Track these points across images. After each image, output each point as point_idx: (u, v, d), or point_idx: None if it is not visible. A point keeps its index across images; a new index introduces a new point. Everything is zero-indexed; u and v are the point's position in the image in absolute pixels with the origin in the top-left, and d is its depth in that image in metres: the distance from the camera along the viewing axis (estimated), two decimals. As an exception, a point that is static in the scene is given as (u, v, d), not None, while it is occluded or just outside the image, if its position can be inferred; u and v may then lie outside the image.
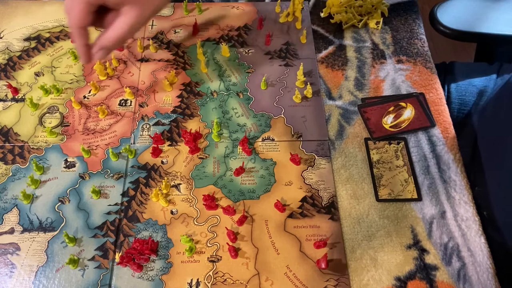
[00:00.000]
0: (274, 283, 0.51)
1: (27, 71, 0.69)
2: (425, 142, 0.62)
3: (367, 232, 0.55)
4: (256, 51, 0.72)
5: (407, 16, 0.77)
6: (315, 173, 0.59)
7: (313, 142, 0.62)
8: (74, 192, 0.57)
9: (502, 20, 0.79)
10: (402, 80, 0.68)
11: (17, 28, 0.75)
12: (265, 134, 0.63)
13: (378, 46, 0.73)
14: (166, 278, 0.51)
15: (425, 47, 0.73)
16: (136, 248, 0.52)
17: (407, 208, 0.56)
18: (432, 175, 0.59)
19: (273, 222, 0.55)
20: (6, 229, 0.54)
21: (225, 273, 0.52)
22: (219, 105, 0.66)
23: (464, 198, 0.57)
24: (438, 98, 0.66)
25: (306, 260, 0.52)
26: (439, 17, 0.80)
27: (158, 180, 0.58)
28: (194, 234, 0.54)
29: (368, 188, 0.58)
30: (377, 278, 0.51)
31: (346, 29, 0.75)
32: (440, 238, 0.54)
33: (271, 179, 0.59)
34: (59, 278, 0.51)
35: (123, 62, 0.70)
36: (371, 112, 0.64)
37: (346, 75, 0.69)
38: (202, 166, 0.60)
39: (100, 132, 0.63)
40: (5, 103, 0.66)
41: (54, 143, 0.62)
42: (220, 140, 0.62)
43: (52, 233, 0.54)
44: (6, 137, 0.62)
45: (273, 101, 0.66)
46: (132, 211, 0.56)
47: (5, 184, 0.58)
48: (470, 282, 0.51)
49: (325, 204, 0.57)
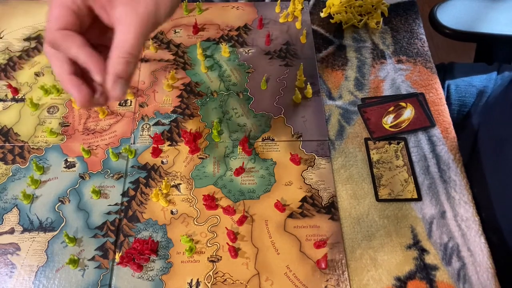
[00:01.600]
0: (274, 283, 0.51)
1: (27, 71, 0.69)
2: (425, 142, 0.62)
3: (367, 232, 0.55)
4: (256, 51, 0.72)
5: (407, 16, 0.77)
6: (315, 173, 0.59)
7: (313, 142, 0.62)
8: (74, 192, 0.57)
9: (502, 20, 0.79)
10: (402, 80, 0.69)
11: (17, 28, 0.75)
12: (265, 134, 0.63)
13: (378, 46, 0.73)
14: (166, 278, 0.51)
15: (425, 47, 0.73)
16: (136, 248, 0.52)
17: (407, 208, 0.56)
18: (432, 175, 0.59)
19: (273, 222, 0.55)
20: (6, 229, 0.54)
21: (225, 273, 0.52)
22: (219, 105, 0.66)
23: (464, 198, 0.57)
24: (438, 98, 0.66)
25: (306, 260, 0.52)
26: (439, 17, 0.80)
27: (158, 180, 0.58)
28: (194, 234, 0.54)
29: (368, 188, 0.58)
30: (377, 278, 0.51)
31: (346, 29, 0.75)
32: (440, 238, 0.54)
33: (271, 179, 0.59)
34: (59, 278, 0.51)
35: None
36: (371, 112, 0.64)
37: (346, 75, 0.69)
38: (202, 166, 0.60)
39: (100, 132, 0.63)
40: (5, 103, 0.66)
41: (54, 143, 0.62)
42: (220, 140, 0.62)
43: (52, 233, 0.54)
44: (6, 137, 0.62)
45: (273, 101, 0.66)
46: (132, 211, 0.56)
47: (5, 184, 0.58)
48: (470, 282, 0.51)
49: (325, 204, 0.57)
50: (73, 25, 0.37)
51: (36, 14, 0.77)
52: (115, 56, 0.36)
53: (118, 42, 0.36)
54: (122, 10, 0.36)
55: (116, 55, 0.36)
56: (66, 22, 0.37)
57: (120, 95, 0.38)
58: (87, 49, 0.37)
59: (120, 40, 0.36)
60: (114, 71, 0.37)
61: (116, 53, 0.36)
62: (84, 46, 0.37)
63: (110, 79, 0.37)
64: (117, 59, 0.36)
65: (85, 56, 0.36)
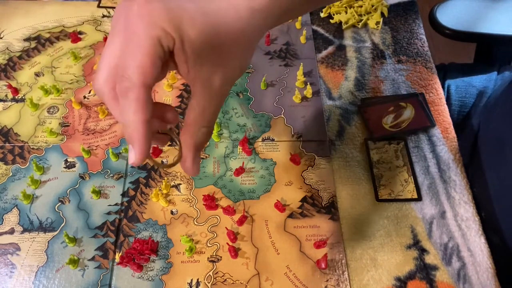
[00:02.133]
0: (274, 283, 0.51)
1: (27, 71, 0.69)
2: (425, 142, 0.62)
3: (367, 232, 0.55)
4: (256, 51, 0.72)
5: (407, 16, 0.77)
6: (315, 173, 0.59)
7: (313, 142, 0.62)
8: (74, 192, 0.57)
9: (502, 20, 0.79)
10: (402, 80, 0.69)
11: (17, 28, 0.75)
12: (265, 134, 0.63)
13: (378, 46, 0.73)
14: (166, 278, 0.51)
15: (425, 47, 0.73)
16: (136, 248, 0.52)
17: (407, 208, 0.56)
18: (432, 175, 0.59)
19: (273, 222, 0.55)
20: (6, 229, 0.54)
21: (225, 273, 0.52)
22: (219, 105, 0.66)
23: (464, 198, 0.57)
24: (438, 98, 0.66)
25: (306, 260, 0.52)
26: (439, 17, 0.80)
27: (158, 180, 0.58)
28: (194, 234, 0.54)
29: (368, 188, 0.58)
30: (377, 278, 0.51)
31: (346, 29, 0.75)
32: (440, 238, 0.54)
33: (271, 179, 0.59)
34: (59, 278, 0.51)
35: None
36: (371, 112, 0.64)
37: (346, 75, 0.69)
38: (202, 166, 0.60)
39: (100, 132, 0.63)
40: (5, 103, 0.66)
41: (54, 143, 0.62)
42: (220, 140, 0.62)
43: (52, 233, 0.54)
44: (6, 137, 0.62)
45: (273, 101, 0.66)
46: (132, 211, 0.56)
47: (5, 184, 0.58)
48: (470, 282, 0.51)
49: (325, 204, 0.57)
50: (156, 81, 0.30)
51: (36, 14, 0.77)
52: (198, 125, 0.32)
53: (201, 108, 0.32)
54: (211, 71, 0.31)
55: (199, 124, 0.32)
56: (153, 77, 0.29)
57: (198, 172, 0.34)
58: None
59: (202, 105, 0.32)
60: (195, 143, 0.32)
61: (199, 121, 0.32)
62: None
63: (191, 152, 0.32)
64: (199, 129, 0.32)
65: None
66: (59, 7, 0.78)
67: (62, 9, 0.78)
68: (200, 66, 0.30)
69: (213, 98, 0.32)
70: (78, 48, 0.72)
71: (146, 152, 0.30)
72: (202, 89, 0.31)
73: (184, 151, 0.33)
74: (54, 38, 0.74)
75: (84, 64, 0.70)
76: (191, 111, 0.32)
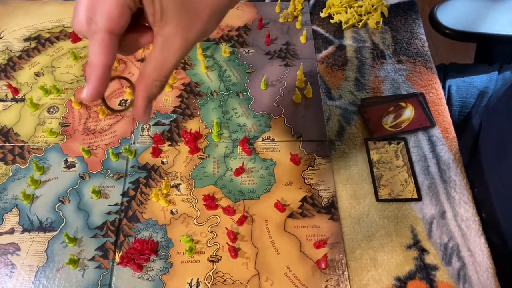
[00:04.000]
0: (274, 283, 0.51)
1: (27, 71, 0.69)
2: (425, 142, 0.62)
3: (367, 232, 0.55)
4: (256, 51, 0.72)
5: (407, 16, 0.77)
6: (315, 173, 0.59)
7: (313, 142, 0.62)
8: (74, 192, 0.57)
9: (502, 20, 0.79)
10: (402, 80, 0.69)
11: (17, 28, 0.75)
12: (265, 134, 0.63)
13: (378, 46, 0.73)
14: (166, 278, 0.51)
15: (425, 47, 0.73)
16: (136, 248, 0.52)
17: (407, 208, 0.56)
18: (432, 175, 0.59)
19: (273, 222, 0.55)
20: (6, 229, 0.54)
21: (225, 273, 0.52)
22: (219, 105, 0.66)
23: (464, 198, 0.57)
24: (438, 98, 0.66)
25: (306, 260, 0.52)
26: (439, 17, 0.80)
27: (158, 180, 0.58)
28: (194, 234, 0.54)
29: (368, 188, 0.58)
30: (377, 278, 0.51)
31: (346, 29, 0.75)
32: (440, 238, 0.54)
33: (271, 179, 0.59)
34: (59, 278, 0.51)
35: (123, 62, 0.70)
36: (371, 112, 0.64)
37: (346, 75, 0.69)
38: (202, 166, 0.60)
39: (100, 132, 0.63)
40: (5, 103, 0.66)
41: (54, 143, 0.62)
42: (220, 140, 0.62)
43: (52, 233, 0.54)
44: (6, 137, 0.62)
45: (273, 101, 0.66)
46: (132, 211, 0.56)
47: (5, 184, 0.58)
48: (470, 282, 0.51)
49: (325, 204, 0.57)
50: (123, 29, 0.32)
51: (36, 14, 0.77)
52: (152, 78, 0.33)
53: (158, 63, 0.33)
54: (173, 31, 0.32)
55: (153, 77, 0.33)
56: (120, 25, 0.31)
57: (149, 120, 0.36)
58: None
59: (160, 61, 0.33)
60: (148, 94, 0.34)
61: (154, 75, 0.33)
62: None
63: (143, 102, 0.34)
64: (153, 82, 0.33)
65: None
66: (59, 7, 0.78)
67: (62, 9, 0.78)
68: (164, 23, 0.32)
69: (171, 56, 0.33)
70: (78, 48, 0.72)
71: (98, 91, 0.33)
72: (162, 46, 0.33)
73: (137, 100, 0.34)
74: (54, 38, 0.74)
75: (84, 64, 0.70)
76: (148, 64, 0.33)
